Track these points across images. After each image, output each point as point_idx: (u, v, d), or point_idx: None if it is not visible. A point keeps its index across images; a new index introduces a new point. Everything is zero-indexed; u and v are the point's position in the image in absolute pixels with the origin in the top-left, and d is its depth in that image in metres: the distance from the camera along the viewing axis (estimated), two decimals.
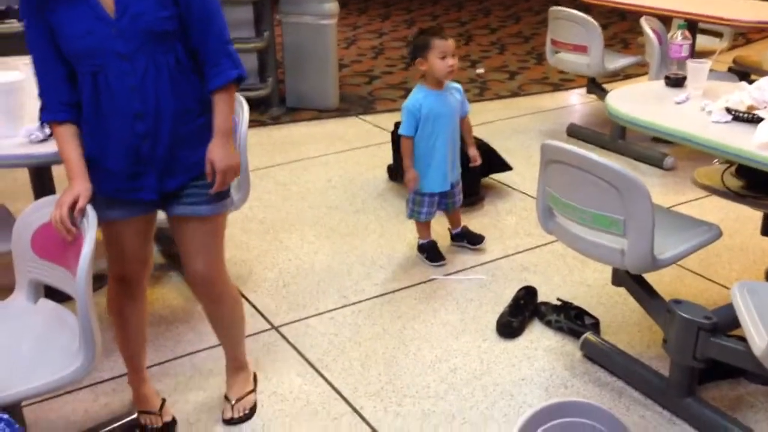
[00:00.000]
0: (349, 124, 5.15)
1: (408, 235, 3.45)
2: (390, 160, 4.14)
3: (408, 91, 5.84)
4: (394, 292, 3.06)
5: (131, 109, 1.90)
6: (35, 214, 2.09)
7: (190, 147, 1.98)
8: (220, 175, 1.98)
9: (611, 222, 2.23)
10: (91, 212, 1.92)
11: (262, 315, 2.89)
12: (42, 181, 2.67)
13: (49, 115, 1.96)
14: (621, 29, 7.75)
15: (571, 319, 2.74)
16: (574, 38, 4.63)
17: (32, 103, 2.46)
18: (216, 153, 1.97)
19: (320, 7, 5.09)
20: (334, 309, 2.94)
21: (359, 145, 4.71)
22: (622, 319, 2.82)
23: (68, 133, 1.95)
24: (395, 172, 4.05)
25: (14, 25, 4.25)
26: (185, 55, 1.93)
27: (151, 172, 1.97)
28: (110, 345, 2.55)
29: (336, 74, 5.37)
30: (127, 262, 2.13)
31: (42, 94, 1.95)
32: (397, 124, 4.09)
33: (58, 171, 2.64)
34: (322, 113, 5.26)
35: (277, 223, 3.60)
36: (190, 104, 1.96)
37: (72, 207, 1.90)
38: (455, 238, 3.39)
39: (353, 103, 5.54)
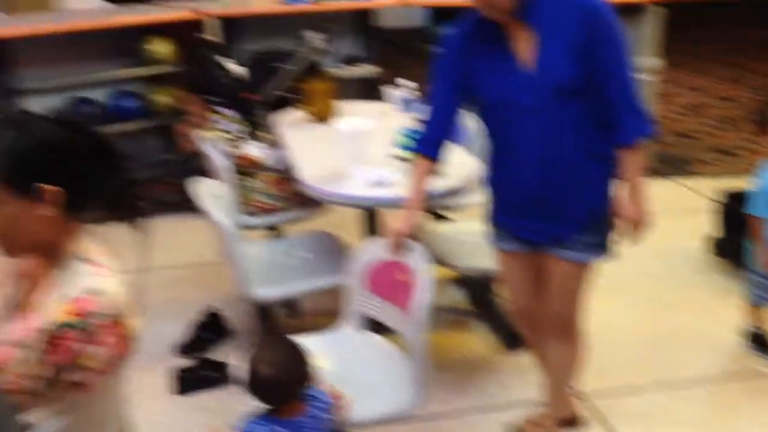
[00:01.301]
0: (665, 186, 4.84)
1: (732, 317, 3.10)
2: (711, 231, 3.78)
3: (732, 156, 5.38)
4: (715, 380, 2.76)
5: (532, 158, 2.01)
6: (370, 251, 2.24)
7: (584, 198, 2.04)
8: (626, 225, 2.04)
9: None
10: (423, 253, 2.01)
11: None
12: (372, 220, 2.85)
13: (419, 147, 2.17)
14: None
15: None
16: None
17: (375, 150, 2.67)
18: (623, 204, 2.03)
19: (641, 61, 4.89)
20: (647, 387, 2.73)
21: (675, 209, 4.39)
22: None
23: (424, 167, 2.15)
24: (723, 248, 3.66)
25: (361, 70, 4.68)
26: (590, 109, 1.97)
27: (543, 217, 2.07)
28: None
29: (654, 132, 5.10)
30: (518, 294, 2.28)
31: (424, 126, 2.16)
32: (730, 195, 3.70)
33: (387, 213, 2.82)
34: None
35: None
36: (590, 157, 2.02)
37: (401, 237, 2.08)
38: None
39: (669, 164, 5.21)
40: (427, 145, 2.15)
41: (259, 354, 1.62)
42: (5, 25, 4.17)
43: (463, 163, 2.60)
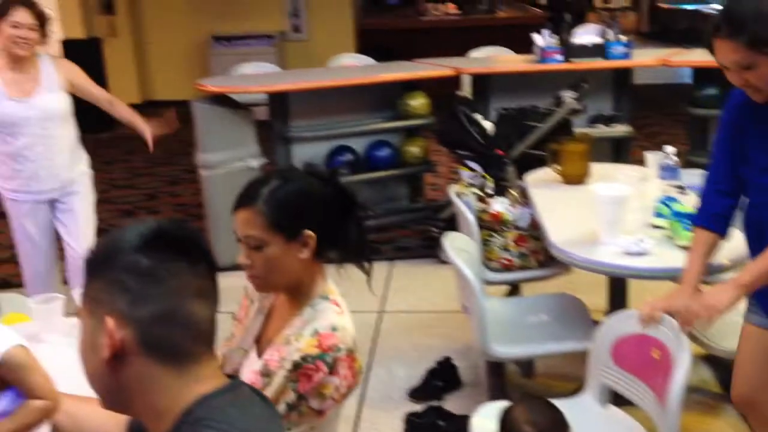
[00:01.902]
0: None
1: None
2: None
3: None
4: None
5: None
6: (621, 322, 2.15)
7: None
8: (686, 309, 1.89)
9: None
10: (681, 332, 1.91)
11: None
12: (620, 289, 2.74)
13: (695, 218, 2.11)
14: None
15: None
16: None
17: (631, 217, 2.57)
18: (711, 290, 1.88)
19: None
20: None
21: None
22: None
23: (701, 240, 2.05)
24: None
25: (612, 129, 4.57)
26: None
27: None
28: None
29: None
30: (743, 374, 2.12)
31: (700, 198, 2.11)
32: None
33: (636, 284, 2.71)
34: None
35: None
36: None
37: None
38: None
39: None
40: (706, 218, 2.05)
41: (522, 412, 1.65)
42: (283, 81, 4.67)
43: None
